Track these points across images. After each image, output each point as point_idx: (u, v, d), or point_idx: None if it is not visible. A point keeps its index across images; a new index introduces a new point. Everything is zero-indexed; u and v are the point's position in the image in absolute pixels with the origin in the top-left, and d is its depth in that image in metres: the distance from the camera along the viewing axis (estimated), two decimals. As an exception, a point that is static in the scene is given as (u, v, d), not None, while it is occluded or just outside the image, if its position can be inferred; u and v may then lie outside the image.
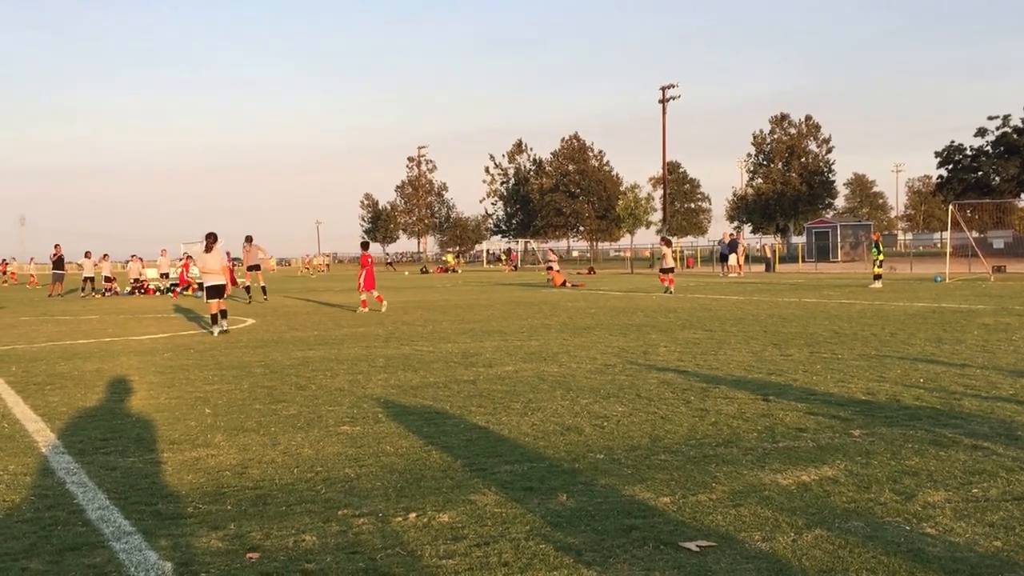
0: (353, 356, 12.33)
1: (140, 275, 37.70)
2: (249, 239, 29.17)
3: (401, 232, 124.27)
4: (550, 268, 36.31)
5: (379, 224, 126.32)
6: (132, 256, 39.79)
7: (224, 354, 12.99)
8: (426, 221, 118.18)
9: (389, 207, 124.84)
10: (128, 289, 36.45)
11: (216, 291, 16.87)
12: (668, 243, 31.60)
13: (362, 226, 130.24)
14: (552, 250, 45.53)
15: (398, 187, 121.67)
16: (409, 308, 22.95)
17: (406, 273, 68.01)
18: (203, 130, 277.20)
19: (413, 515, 4.86)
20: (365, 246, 23.36)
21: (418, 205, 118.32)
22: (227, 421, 7.75)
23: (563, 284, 34.23)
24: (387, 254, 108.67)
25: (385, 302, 21.99)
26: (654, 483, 5.40)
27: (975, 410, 7.42)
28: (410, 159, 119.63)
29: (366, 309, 21.47)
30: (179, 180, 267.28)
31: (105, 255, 37.26)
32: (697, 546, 4.24)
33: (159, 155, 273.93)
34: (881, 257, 29.23)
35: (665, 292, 27.40)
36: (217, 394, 9.26)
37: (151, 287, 36.72)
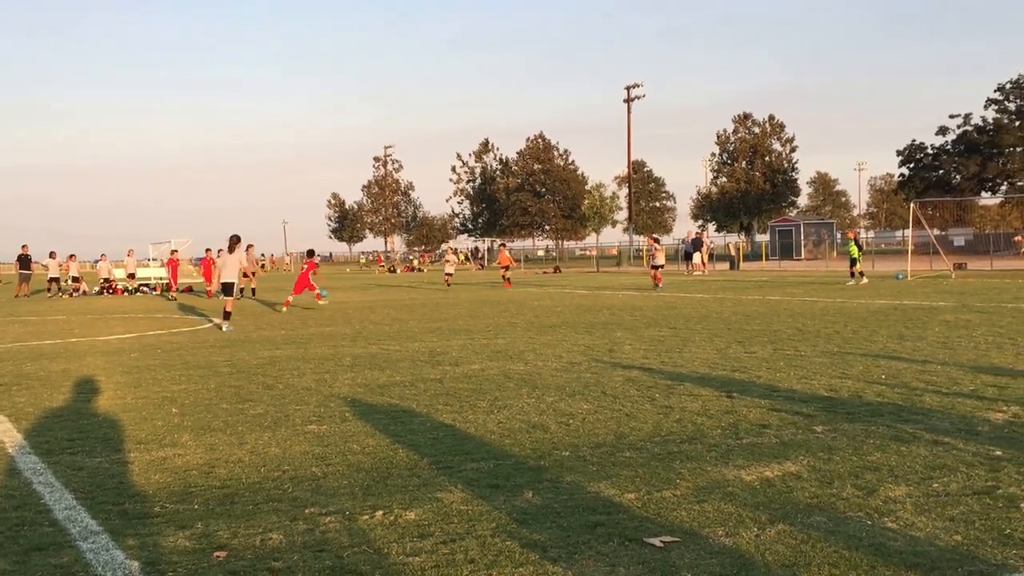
0: (320, 355, 12.29)
1: (109, 275, 37.24)
2: (246, 245, 29.71)
3: (368, 231, 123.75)
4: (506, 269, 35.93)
5: (346, 224, 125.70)
6: (102, 256, 39.29)
7: (191, 354, 12.88)
8: (392, 220, 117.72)
9: (356, 207, 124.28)
10: (97, 289, 35.98)
11: (228, 288, 17.38)
12: (657, 241, 32.37)
13: (329, 225, 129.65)
14: (451, 249, 45.62)
15: (365, 186, 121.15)
16: (376, 307, 22.90)
17: (377, 272, 67.73)
18: (171, 131, 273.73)
19: (380, 513, 4.88)
20: (311, 253, 25.63)
21: (384, 204, 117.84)
22: (194, 421, 7.70)
23: (447, 284, 33.81)
24: (371, 254, 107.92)
25: (324, 299, 22.48)
26: (619, 480, 5.45)
27: (936, 406, 7.56)
28: (376, 159, 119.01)
29: (286, 308, 22.33)
30: (147, 180, 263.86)
31: (72, 255, 36.73)
32: (661, 542, 4.30)
33: (127, 155, 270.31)
34: (857, 254, 29.57)
35: (655, 289, 27.75)
36: (184, 394, 9.19)
37: (119, 287, 36.28)
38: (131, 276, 36.85)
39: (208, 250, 31.81)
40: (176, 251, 35.90)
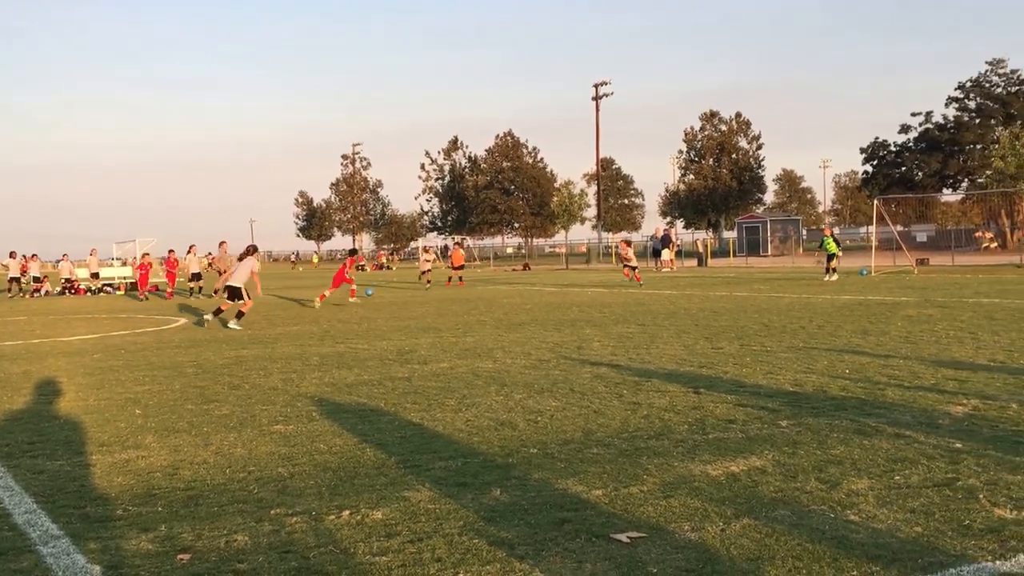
0: (287, 355, 12.20)
1: (71, 275, 36.72)
2: (219, 241, 30.68)
3: (336, 229, 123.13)
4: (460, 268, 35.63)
5: (314, 222, 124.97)
6: (63, 255, 38.76)
7: (155, 354, 12.74)
8: (361, 218, 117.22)
9: (324, 204, 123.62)
10: (59, 289, 35.48)
11: (232, 292, 17.28)
12: (628, 244, 32.67)
13: (296, 224, 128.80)
14: (426, 247, 45.56)
15: (333, 184, 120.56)
16: (344, 306, 22.78)
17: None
18: (136, 128, 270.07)
19: (347, 513, 4.85)
20: (352, 252, 26.92)
21: (353, 203, 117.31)
22: (158, 422, 7.62)
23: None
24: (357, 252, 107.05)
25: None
26: (587, 476, 5.47)
27: (898, 400, 7.66)
28: (344, 156, 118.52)
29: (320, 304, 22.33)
30: (110, 179, 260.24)
31: (33, 255, 36.20)
32: (628, 537, 4.32)
33: (88, 154, 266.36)
34: (836, 251, 29.82)
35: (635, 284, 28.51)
36: (148, 395, 9.09)
37: (82, 287, 35.80)
38: (94, 276, 36.38)
39: (171, 251, 31.48)
40: (148, 254, 35.45)
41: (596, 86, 72.71)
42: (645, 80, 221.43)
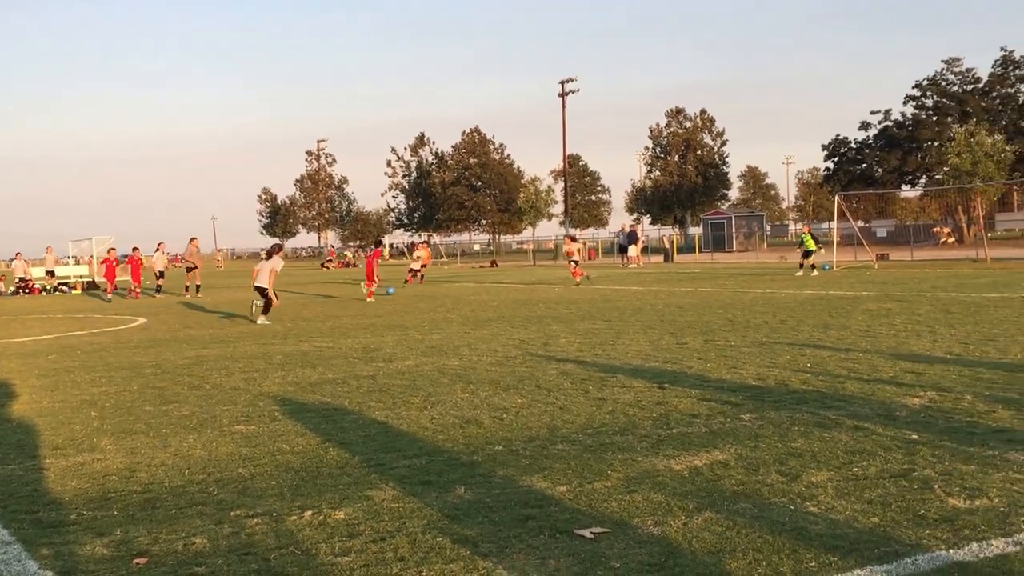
0: (249, 354, 12.08)
1: (26, 273, 36.06)
2: (190, 237, 30.60)
3: (301, 227, 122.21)
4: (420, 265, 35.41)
5: (278, 219, 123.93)
6: (16, 254, 38.03)
7: (113, 355, 12.56)
8: (326, 215, 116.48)
9: (288, 201, 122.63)
10: (12, 289, 34.84)
11: (258, 291, 17.50)
12: (573, 239, 32.44)
13: (260, 221, 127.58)
14: (422, 243, 45.32)
15: (297, 181, 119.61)
16: (309, 303, 22.62)
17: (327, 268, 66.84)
18: (93, 124, 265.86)
19: (309, 513, 4.81)
20: (378, 243, 28.18)
21: (318, 199, 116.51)
22: (115, 424, 7.50)
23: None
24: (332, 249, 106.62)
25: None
26: (551, 473, 5.47)
27: (857, 392, 7.74)
28: (309, 153, 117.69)
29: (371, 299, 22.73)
30: (67, 176, 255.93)
31: None
32: (592, 533, 4.32)
33: (44, 150, 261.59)
34: (815, 248, 29.99)
35: (576, 283, 27.84)
36: (105, 396, 8.95)
37: (36, 287, 35.19)
38: (50, 274, 35.77)
39: (136, 248, 30.96)
40: (114, 249, 34.80)
41: (562, 83, 72.72)
42: (611, 77, 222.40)
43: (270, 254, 18.33)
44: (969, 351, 9.98)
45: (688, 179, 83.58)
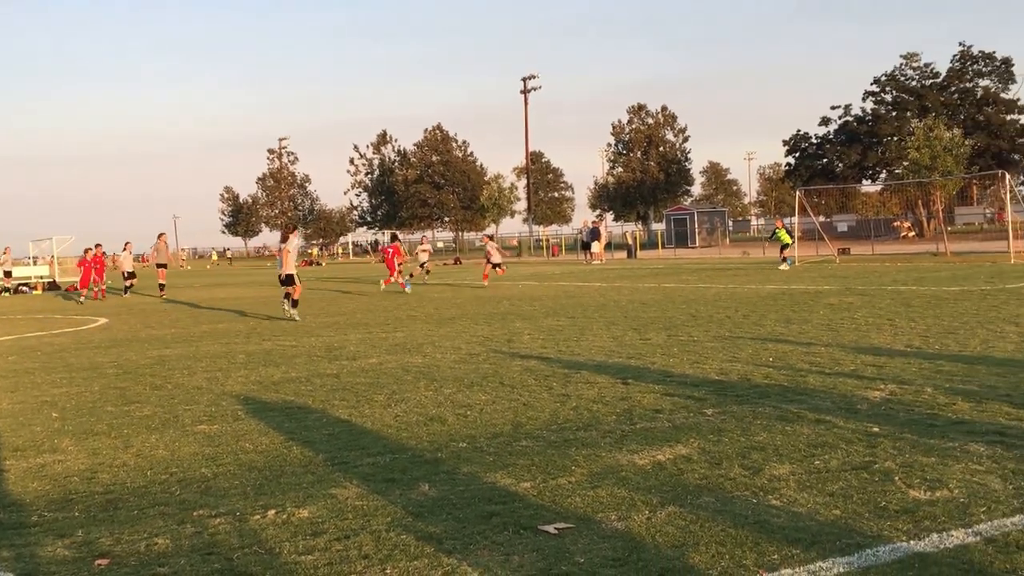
0: (212, 353, 11.97)
1: None
2: (158, 233, 30.32)
3: (263, 225, 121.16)
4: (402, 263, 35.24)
5: (240, 218, 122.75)
6: None
7: (74, 355, 12.38)
8: (289, 214, 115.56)
9: (250, 200, 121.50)
10: None
11: (284, 282, 17.18)
12: (491, 238, 32.20)
13: (222, 219, 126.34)
14: (425, 238, 44.99)
15: (259, 179, 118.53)
16: (271, 303, 22.43)
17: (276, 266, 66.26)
18: (51, 121, 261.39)
19: (272, 512, 4.78)
20: (394, 237, 28.10)
21: (280, 198, 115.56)
22: (76, 425, 7.40)
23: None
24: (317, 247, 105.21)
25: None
26: (515, 469, 5.48)
27: (819, 386, 7.84)
28: (271, 151, 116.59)
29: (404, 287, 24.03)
30: (25, 172, 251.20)
31: None
32: (556, 528, 4.34)
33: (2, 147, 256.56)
34: (790, 241, 30.20)
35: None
36: (66, 397, 8.82)
37: None
38: (7, 275, 35.10)
39: (99, 244, 30.30)
40: (100, 245, 33.68)
41: (524, 80, 72.87)
42: (573, 74, 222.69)
43: (285, 237, 17.92)
44: (929, 344, 10.15)
45: (651, 175, 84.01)
